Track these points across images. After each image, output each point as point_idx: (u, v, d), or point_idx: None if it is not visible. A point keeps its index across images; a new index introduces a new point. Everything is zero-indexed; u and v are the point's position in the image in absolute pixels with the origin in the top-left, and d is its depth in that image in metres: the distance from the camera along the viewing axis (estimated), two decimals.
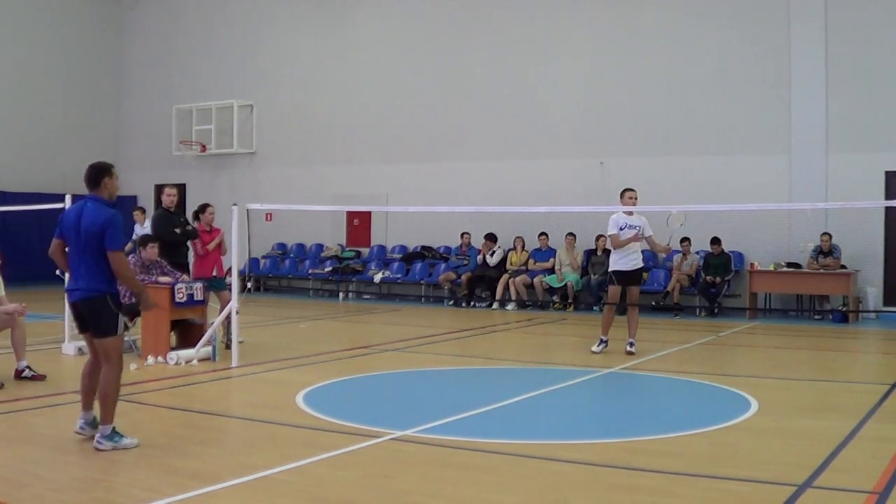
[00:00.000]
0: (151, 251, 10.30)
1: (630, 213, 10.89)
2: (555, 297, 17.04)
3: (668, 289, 16.08)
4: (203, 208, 11.44)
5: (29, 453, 5.93)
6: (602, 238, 16.81)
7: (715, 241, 15.89)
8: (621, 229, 10.84)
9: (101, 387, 6.23)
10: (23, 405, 7.45)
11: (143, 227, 16.85)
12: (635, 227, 10.80)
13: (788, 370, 9.99)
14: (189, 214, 13.18)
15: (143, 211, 16.89)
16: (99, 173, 6.31)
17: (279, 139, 21.65)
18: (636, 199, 10.88)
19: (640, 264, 11.04)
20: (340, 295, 19.57)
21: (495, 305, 17.19)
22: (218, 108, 21.76)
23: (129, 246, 16.54)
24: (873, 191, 15.20)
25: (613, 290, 11.09)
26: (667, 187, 16.50)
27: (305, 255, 20.94)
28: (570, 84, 18.17)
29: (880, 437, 6.57)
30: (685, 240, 16.29)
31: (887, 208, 15.12)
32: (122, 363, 6.37)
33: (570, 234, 17.09)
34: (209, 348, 9.98)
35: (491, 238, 17.72)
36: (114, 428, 6.10)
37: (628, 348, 10.79)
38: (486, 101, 18.96)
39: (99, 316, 6.16)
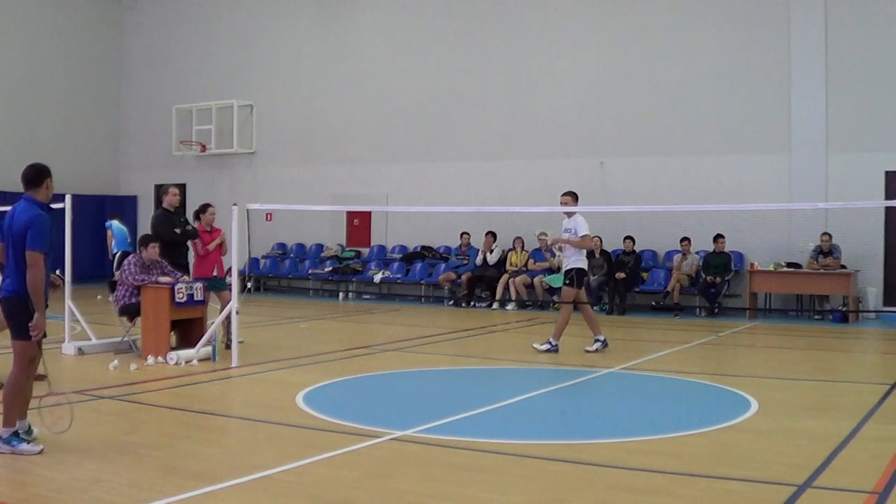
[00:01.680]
0: (153, 251, 10.28)
1: (569, 215, 11.09)
2: (555, 297, 17.04)
3: (668, 289, 16.08)
4: (204, 208, 11.44)
5: None
6: (595, 238, 16.81)
7: (718, 237, 15.88)
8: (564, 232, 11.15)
9: (4, 388, 6.12)
10: None
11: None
12: (568, 231, 11.00)
13: (788, 370, 10.00)
14: (190, 214, 13.18)
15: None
16: (41, 174, 6.23)
17: (279, 139, 21.65)
18: (564, 202, 11.10)
19: (569, 265, 11.01)
20: (340, 295, 19.57)
21: (495, 305, 17.19)
22: (218, 108, 21.76)
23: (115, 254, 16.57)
24: (873, 191, 15.21)
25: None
26: (667, 187, 16.54)
27: (305, 255, 20.94)
28: (571, 84, 18.17)
29: (880, 437, 6.57)
30: (685, 240, 16.30)
31: (887, 208, 15.13)
32: (32, 370, 6.13)
33: None
34: (209, 348, 9.98)
35: (492, 235, 17.74)
36: (15, 431, 5.94)
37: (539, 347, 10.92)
38: (486, 101, 18.97)
39: (15, 317, 6.01)
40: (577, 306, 11.20)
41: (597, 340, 10.98)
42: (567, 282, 10.95)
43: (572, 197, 11.08)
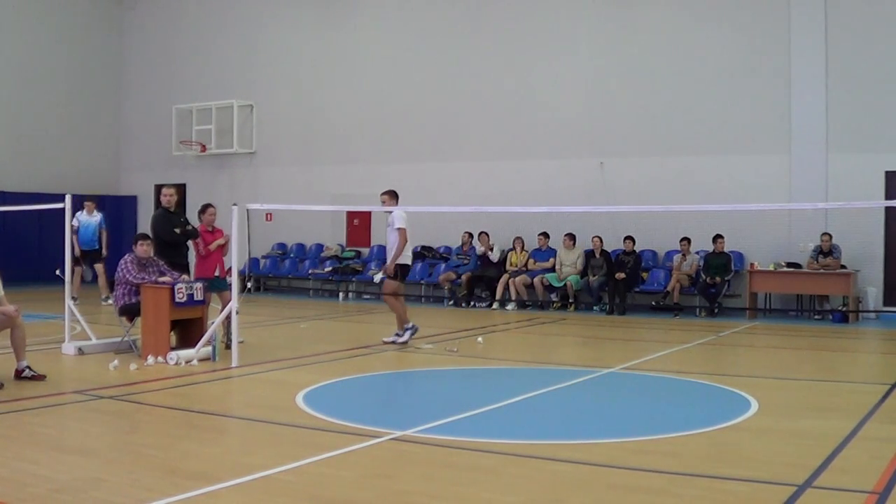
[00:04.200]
0: (143, 248, 10.24)
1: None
2: (552, 296, 17.07)
3: (668, 289, 16.08)
4: (204, 209, 11.42)
5: (29, 453, 5.93)
6: (595, 238, 16.82)
7: (717, 237, 15.87)
8: None
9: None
10: (23, 405, 7.45)
11: (93, 216, 16.90)
12: (389, 225, 11.60)
13: (788, 370, 10.00)
14: (191, 215, 13.18)
15: (94, 203, 17.23)
16: None
17: (279, 139, 21.65)
18: (383, 200, 11.80)
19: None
20: (340, 295, 19.56)
21: (495, 305, 17.19)
22: (218, 108, 21.75)
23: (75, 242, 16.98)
24: (873, 191, 15.21)
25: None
26: (667, 187, 16.53)
27: (305, 255, 20.94)
28: (571, 84, 18.17)
29: (880, 437, 6.57)
30: (685, 240, 16.30)
31: (887, 208, 15.13)
32: None
33: (567, 234, 17.10)
34: (209, 348, 9.97)
35: (485, 234, 17.75)
36: None
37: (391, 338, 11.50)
38: (486, 101, 18.97)
39: None
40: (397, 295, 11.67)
41: (397, 335, 11.44)
42: (391, 276, 11.56)
43: (389, 195, 11.74)
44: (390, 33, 20.28)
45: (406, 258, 11.62)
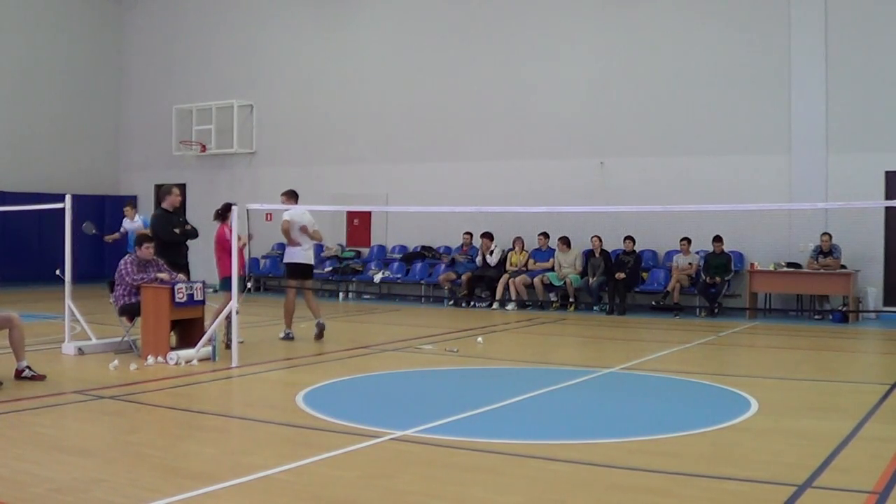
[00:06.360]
0: (146, 251, 10.26)
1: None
2: (551, 296, 17.07)
3: (668, 289, 16.08)
4: (230, 207, 11.30)
5: (29, 453, 5.93)
6: (595, 238, 16.80)
7: (717, 239, 15.87)
8: None
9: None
10: (23, 405, 7.45)
11: (134, 222, 17.03)
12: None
13: (788, 370, 10.00)
14: (190, 214, 13.15)
15: (133, 206, 17.33)
16: None
17: (279, 139, 21.66)
18: (282, 201, 12.37)
19: (285, 259, 12.27)
20: (340, 295, 19.57)
21: (495, 305, 17.19)
22: (218, 108, 21.77)
23: (116, 235, 17.17)
24: (873, 191, 15.21)
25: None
26: (667, 187, 16.54)
27: None
28: (571, 84, 18.18)
29: (880, 437, 6.57)
30: (685, 240, 16.30)
31: (887, 208, 15.14)
32: None
33: (561, 238, 17.08)
34: (209, 348, 9.98)
35: (488, 237, 17.75)
36: None
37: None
38: (486, 101, 18.97)
39: None
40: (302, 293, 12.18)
41: (286, 332, 11.82)
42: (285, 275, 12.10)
43: (285, 196, 12.45)
44: (390, 33, 20.28)
45: (293, 257, 11.91)
